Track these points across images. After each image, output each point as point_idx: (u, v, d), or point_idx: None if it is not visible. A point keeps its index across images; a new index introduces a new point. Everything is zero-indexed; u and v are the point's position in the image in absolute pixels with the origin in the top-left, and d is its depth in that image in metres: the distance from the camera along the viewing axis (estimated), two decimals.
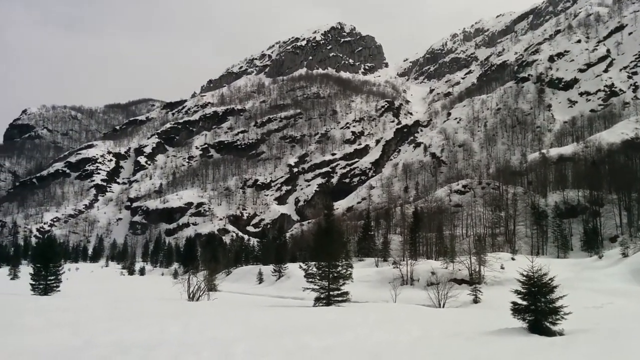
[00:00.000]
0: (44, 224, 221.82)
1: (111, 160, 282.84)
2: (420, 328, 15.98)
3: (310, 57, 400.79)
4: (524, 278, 15.50)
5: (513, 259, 47.32)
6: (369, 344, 12.76)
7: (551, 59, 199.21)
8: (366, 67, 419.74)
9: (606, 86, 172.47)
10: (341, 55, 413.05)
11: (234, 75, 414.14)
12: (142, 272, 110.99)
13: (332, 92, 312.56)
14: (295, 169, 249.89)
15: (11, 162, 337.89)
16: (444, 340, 13.41)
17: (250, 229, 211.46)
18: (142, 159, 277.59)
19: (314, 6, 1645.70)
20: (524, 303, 15.02)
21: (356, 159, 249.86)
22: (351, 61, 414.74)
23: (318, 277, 28.50)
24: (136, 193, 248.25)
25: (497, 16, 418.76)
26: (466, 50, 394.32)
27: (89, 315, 19.03)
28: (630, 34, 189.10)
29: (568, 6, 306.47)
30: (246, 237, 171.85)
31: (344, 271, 29.07)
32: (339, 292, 28.16)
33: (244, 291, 55.70)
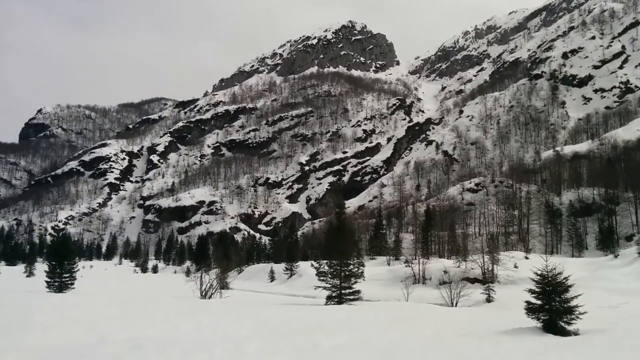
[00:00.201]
0: (59, 222, 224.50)
1: (124, 158, 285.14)
2: (432, 327, 15.89)
3: (322, 56, 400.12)
4: (538, 277, 15.34)
5: (527, 257, 46.86)
6: (380, 342, 12.69)
7: (565, 55, 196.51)
8: (377, 65, 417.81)
9: (621, 83, 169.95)
10: (352, 54, 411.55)
11: (245, 74, 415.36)
12: (155, 270, 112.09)
13: (344, 91, 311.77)
14: (307, 167, 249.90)
15: (27, 160, 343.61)
16: (456, 339, 13.28)
17: (262, 227, 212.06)
18: (154, 158, 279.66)
19: (326, 5, 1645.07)
20: (538, 302, 14.86)
21: (367, 157, 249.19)
22: (362, 59, 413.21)
23: (330, 276, 28.44)
24: (149, 191, 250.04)
25: (510, 13, 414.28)
26: (478, 47, 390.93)
27: (103, 313, 19.24)
28: None
29: (582, 2, 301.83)
30: (258, 235, 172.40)
31: (356, 269, 28.96)
32: (351, 290, 28.02)
33: (255, 289, 55.95)
